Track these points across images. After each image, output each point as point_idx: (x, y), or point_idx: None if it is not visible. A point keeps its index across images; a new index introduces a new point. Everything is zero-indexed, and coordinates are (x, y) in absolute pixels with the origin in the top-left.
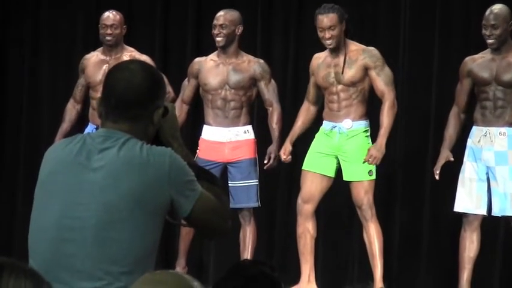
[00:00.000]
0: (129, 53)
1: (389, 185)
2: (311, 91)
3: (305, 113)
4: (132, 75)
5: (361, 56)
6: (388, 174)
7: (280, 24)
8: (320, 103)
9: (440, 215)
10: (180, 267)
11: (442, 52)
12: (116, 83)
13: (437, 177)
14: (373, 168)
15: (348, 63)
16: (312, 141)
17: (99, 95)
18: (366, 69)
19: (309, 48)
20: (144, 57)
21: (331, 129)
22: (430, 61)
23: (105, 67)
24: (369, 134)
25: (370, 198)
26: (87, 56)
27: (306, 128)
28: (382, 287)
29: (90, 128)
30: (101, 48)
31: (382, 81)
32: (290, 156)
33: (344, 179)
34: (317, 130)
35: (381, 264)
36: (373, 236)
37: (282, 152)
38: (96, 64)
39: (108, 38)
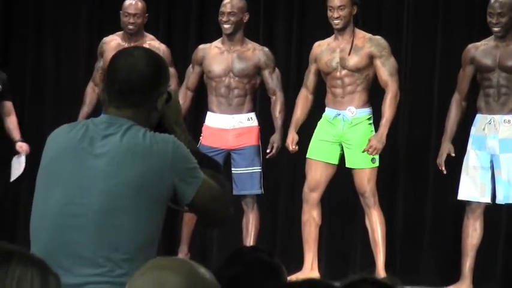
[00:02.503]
0: (148, 41)
1: (393, 174)
2: (310, 78)
3: (304, 101)
4: (136, 61)
5: (367, 44)
6: (392, 163)
7: (283, 12)
8: (316, 92)
9: (443, 203)
10: (183, 253)
11: (445, 42)
12: (120, 69)
13: (444, 170)
14: (376, 155)
15: (354, 49)
16: (313, 128)
17: None
18: (371, 58)
19: (312, 36)
20: (163, 47)
21: (335, 116)
22: (433, 51)
23: None
24: (372, 121)
25: (373, 186)
26: (107, 39)
27: (305, 116)
28: (384, 275)
29: None
30: (120, 33)
31: (386, 71)
32: (297, 146)
33: (347, 166)
34: (319, 118)
35: (384, 252)
36: (375, 224)
37: (289, 142)
38: (115, 49)
39: (131, 27)
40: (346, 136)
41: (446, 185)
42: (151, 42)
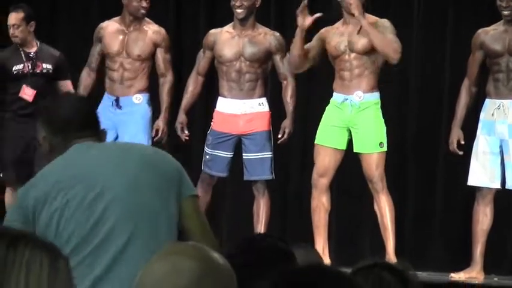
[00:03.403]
0: (147, 25)
1: (403, 160)
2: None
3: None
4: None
5: (375, 27)
6: (402, 149)
7: None
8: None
9: (453, 189)
10: None
11: (455, 29)
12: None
13: (459, 152)
14: (384, 140)
15: (363, 32)
16: (322, 114)
17: (117, 65)
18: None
19: (324, 22)
20: (163, 31)
21: (343, 101)
22: (443, 38)
23: (122, 37)
24: (379, 105)
25: (381, 171)
26: (103, 24)
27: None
28: (395, 259)
29: (108, 99)
30: (117, 18)
31: None
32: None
33: (355, 150)
34: (327, 103)
35: (393, 236)
36: (384, 208)
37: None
38: (113, 34)
39: (143, 11)
40: (354, 121)
41: (457, 171)
42: (151, 26)
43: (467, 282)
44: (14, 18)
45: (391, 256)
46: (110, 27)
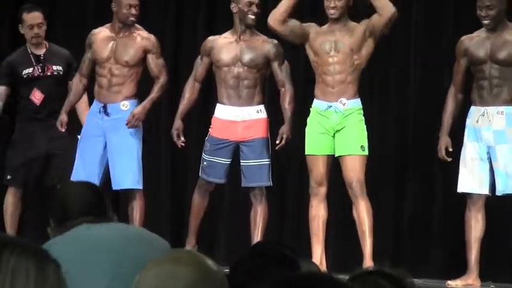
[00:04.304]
0: (137, 31)
1: (401, 166)
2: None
3: None
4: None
5: (360, 24)
6: (400, 154)
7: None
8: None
9: (451, 195)
10: (190, 245)
11: (454, 31)
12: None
13: (448, 159)
14: (365, 143)
15: (348, 31)
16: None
17: (105, 71)
18: (365, 33)
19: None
20: (152, 37)
21: (327, 109)
22: (441, 40)
23: (111, 44)
24: (362, 112)
25: (361, 175)
26: (95, 31)
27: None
28: (372, 265)
29: (96, 106)
30: (108, 25)
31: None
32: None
33: (336, 155)
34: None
35: (371, 243)
36: (363, 214)
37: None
38: (103, 40)
39: (132, 18)
40: (338, 127)
41: (455, 177)
42: (141, 33)
43: None
44: (39, 16)
45: (367, 262)
46: (101, 33)
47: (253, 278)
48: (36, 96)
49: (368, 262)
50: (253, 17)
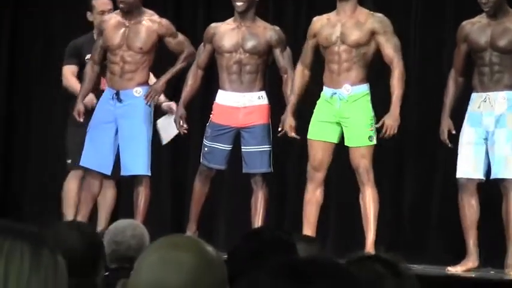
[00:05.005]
0: (148, 17)
1: (401, 152)
2: (308, 54)
3: (301, 78)
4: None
5: (370, 20)
6: (400, 141)
7: None
8: (313, 69)
9: (451, 181)
10: (191, 231)
11: (455, 20)
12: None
13: (449, 144)
14: (374, 134)
15: (357, 25)
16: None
17: (118, 58)
18: (372, 34)
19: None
20: (164, 21)
21: (332, 95)
22: (441, 28)
23: (123, 30)
24: (369, 98)
25: (368, 163)
26: (106, 17)
27: (303, 92)
28: (373, 251)
29: (109, 93)
30: (119, 11)
31: (391, 48)
32: (294, 132)
33: (346, 144)
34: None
35: (374, 229)
36: (368, 200)
37: (287, 129)
38: (114, 27)
39: (121, 5)
40: (343, 114)
41: (455, 163)
42: (152, 18)
43: (464, 275)
44: (108, 3)
45: (369, 248)
46: (112, 20)
47: (251, 264)
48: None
49: (370, 248)
50: (239, 3)
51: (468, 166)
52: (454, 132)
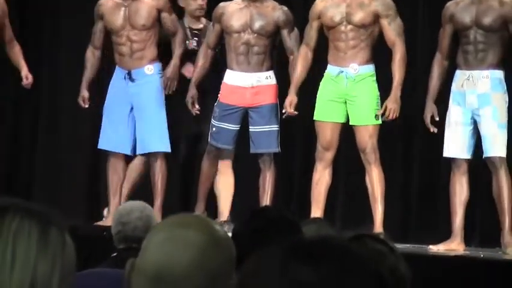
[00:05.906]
0: None
1: (408, 134)
2: (311, 35)
3: (304, 59)
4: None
5: (374, 2)
6: (407, 122)
7: None
8: (316, 50)
9: None
10: (199, 211)
11: None
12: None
13: (432, 129)
14: (379, 112)
15: (360, 6)
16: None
17: (124, 39)
18: (376, 16)
19: None
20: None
21: (338, 74)
22: None
23: (123, 11)
24: (375, 78)
25: (374, 142)
26: (102, 1)
27: (305, 75)
28: (382, 232)
29: (120, 73)
30: None
31: (393, 31)
32: (295, 111)
33: (351, 123)
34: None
35: (382, 209)
36: (375, 180)
37: (287, 105)
38: (113, 9)
39: None
40: (350, 93)
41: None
42: None
43: (445, 254)
44: None
45: (378, 228)
46: (109, 2)
47: (256, 243)
48: (188, 70)
49: (378, 228)
50: None
51: (457, 147)
52: (437, 118)
